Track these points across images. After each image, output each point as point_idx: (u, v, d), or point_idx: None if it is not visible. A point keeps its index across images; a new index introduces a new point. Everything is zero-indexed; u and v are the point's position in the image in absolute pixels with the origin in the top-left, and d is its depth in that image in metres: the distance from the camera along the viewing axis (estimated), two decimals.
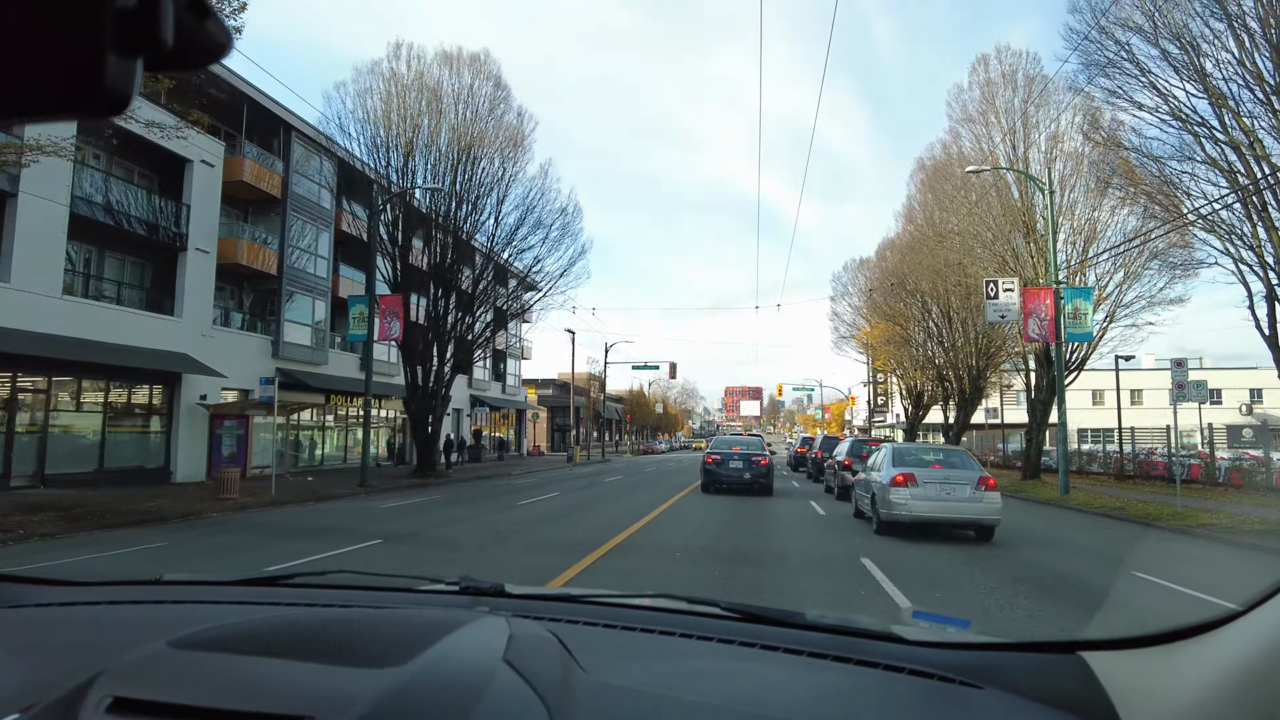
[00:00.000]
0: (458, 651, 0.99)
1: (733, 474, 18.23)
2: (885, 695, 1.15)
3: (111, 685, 0.85)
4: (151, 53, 0.43)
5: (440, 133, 26.39)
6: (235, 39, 0.46)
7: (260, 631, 1.08)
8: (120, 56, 0.42)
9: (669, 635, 1.37)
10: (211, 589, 1.72)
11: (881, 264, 37.33)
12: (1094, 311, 20.48)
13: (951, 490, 11.10)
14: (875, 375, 56.14)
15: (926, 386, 42.66)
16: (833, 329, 47.48)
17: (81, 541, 10.94)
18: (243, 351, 25.60)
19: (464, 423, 44.08)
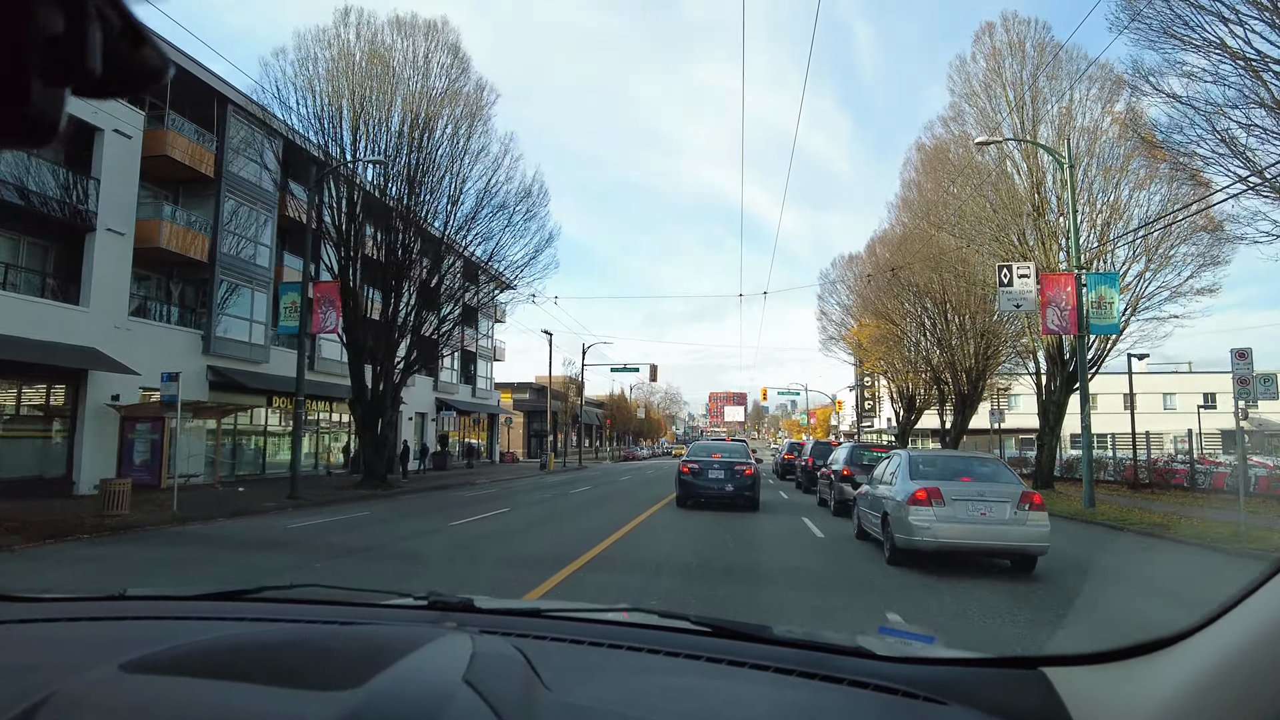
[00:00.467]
0: (417, 672, 0.97)
1: (712, 485, 15.77)
2: (849, 711, 1.15)
3: (60, 709, 0.85)
4: (80, 80, 0.42)
5: (393, 105, 23.79)
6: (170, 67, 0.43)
7: (215, 651, 1.06)
8: (46, 84, 0.41)
9: (637, 651, 1.36)
10: (175, 604, 1.68)
11: (873, 258, 35.01)
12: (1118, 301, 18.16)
13: (987, 510, 8.60)
14: (864, 378, 53.91)
15: (919, 389, 40.44)
16: (820, 329, 45.22)
17: None
18: (168, 347, 22.82)
19: (429, 428, 41.36)
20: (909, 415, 41.61)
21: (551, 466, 44.35)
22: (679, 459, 16.85)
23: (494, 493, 23.53)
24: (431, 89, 24.19)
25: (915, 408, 41.26)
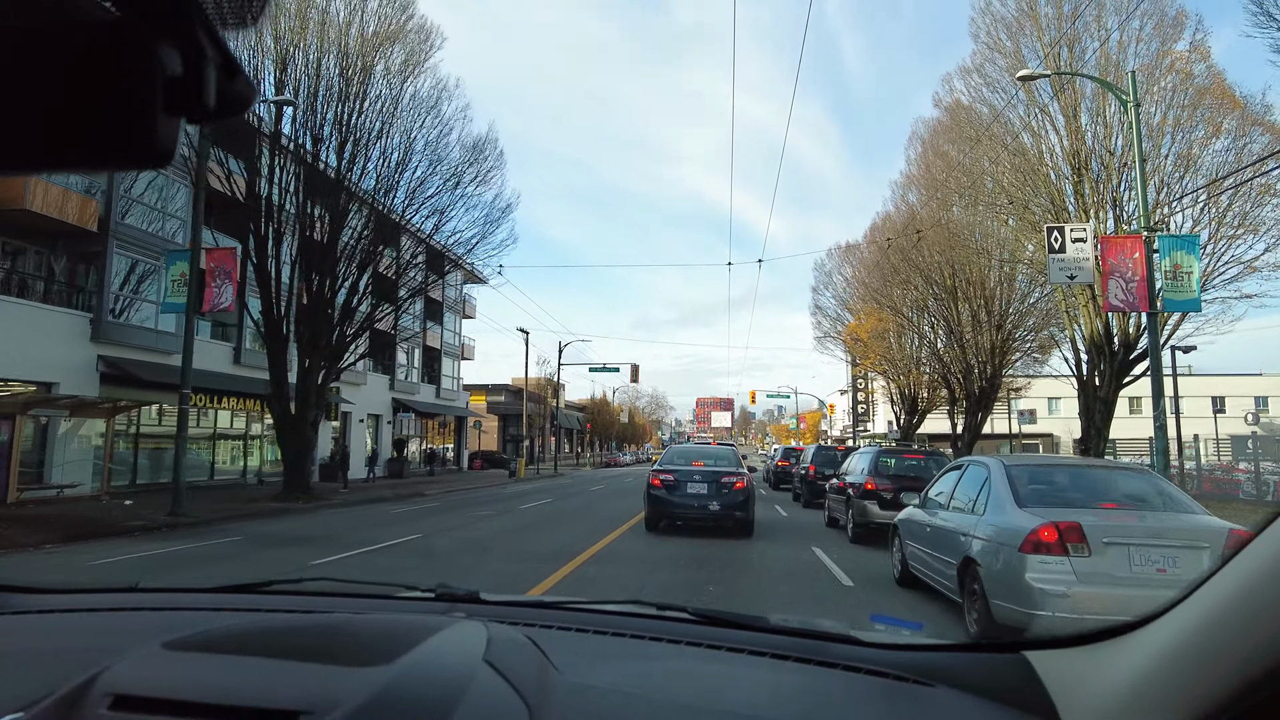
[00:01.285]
0: (440, 652, 1.01)
1: (692, 503, 11.86)
2: (843, 693, 1.20)
3: (112, 683, 0.88)
4: (194, 111, 0.48)
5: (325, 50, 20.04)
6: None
7: (250, 634, 1.09)
8: (168, 115, 0.48)
9: (639, 639, 1.41)
10: (189, 596, 1.72)
11: (875, 242, 31.44)
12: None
13: (1169, 562, 4.86)
14: (860, 379, 50.44)
15: (923, 390, 36.92)
16: (814, 324, 41.60)
17: None
18: (42, 331, 18.98)
19: (384, 431, 37.43)
20: (911, 418, 38.08)
21: (522, 474, 40.52)
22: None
23: (428, 509, 19.73)
24: (366, 28, 20.46)
25: (918, 410, 37.77)
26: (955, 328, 27.58)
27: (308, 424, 21.06)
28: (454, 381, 46.12)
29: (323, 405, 21.48)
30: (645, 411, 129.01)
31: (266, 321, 20.51)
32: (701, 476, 11.93)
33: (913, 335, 33.47)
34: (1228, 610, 0.84)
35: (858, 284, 36.44)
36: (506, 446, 60.85)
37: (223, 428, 26.28)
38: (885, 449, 12.39)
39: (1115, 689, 0.99)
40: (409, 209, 21.33)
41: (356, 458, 33.64)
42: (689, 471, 12.11)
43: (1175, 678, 0.89)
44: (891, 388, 39.43)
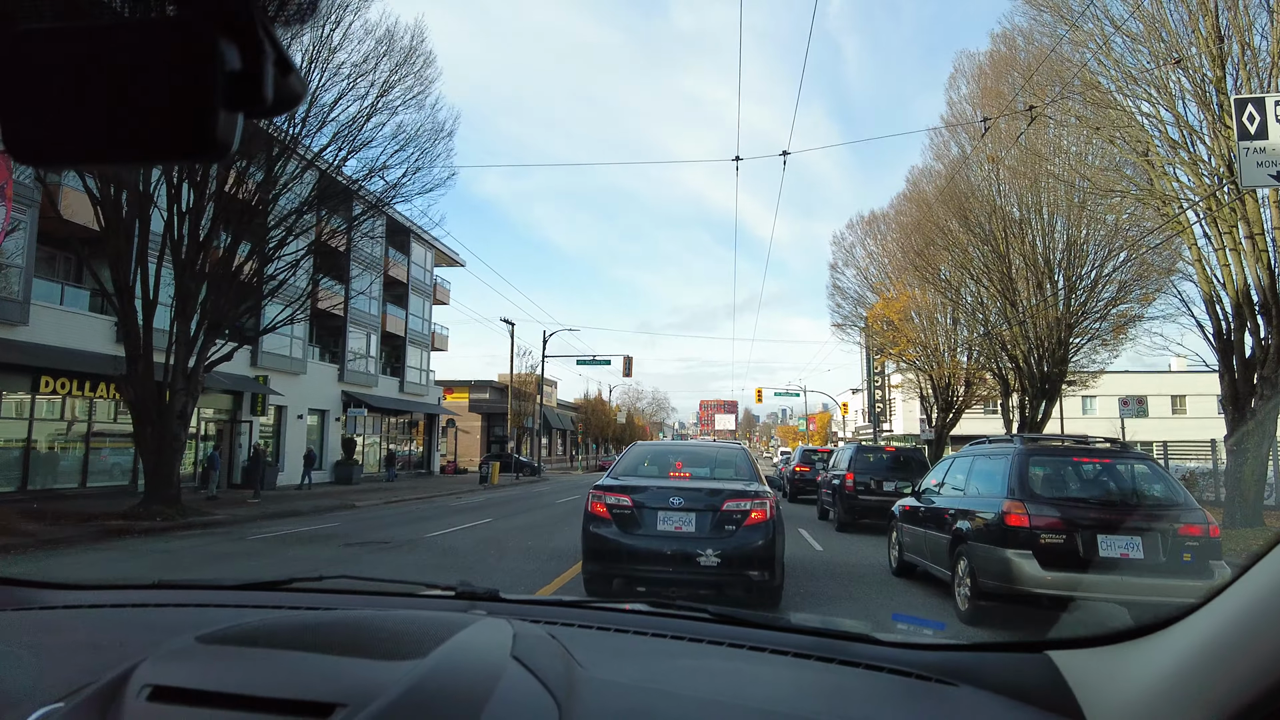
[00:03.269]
0: (469, 647, 1.01)
1: (665, 549, 6.11)
2: (866, 691, 1.19)
3: (150, 675, 0.88)
4: (253, 106, 0.51)
5: None
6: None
7: (282, 628, 1.09)
8: (228, 111, 0.50)
9: (660, 637, 1.41)
10: (213, 593, 1.71)
11: (915, 197, 25.95)
12: None
13: None
14: (878, 373, 44.94)
15: (960, 383, 31.53)
16: (833, 308, 36.14)
17: None
18: None
19: (331, 429, 32.07)
20: (946, 416, 32.66)
21: (496, 479, 35.08)
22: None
23: (318, 532, 14.45)
24: None
25: (953, 407, 32.38)
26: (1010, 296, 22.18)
27: (174, 416, 15.72)
28: (422, 374, 40.73)
29: (195, 392, 16.11)
30: (646, 413, 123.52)
31: (113, 277, 15.22)
32: (685, 500, 6.22)
33: (955, 314, 28.10)
34: (1254, 611, 0.84)
35: (886, 257, 31.10)
36: (491, 448, 55.39)
37: (103, 422, 20.92)
38: (1031, 449, 6.62)
39: (1141, 689, 0.99)
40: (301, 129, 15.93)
41: (294, 460, 28.38)
42: (663, 491, 6.33)
43: (1202, 678, 0.89)
44: (921, 381, 33.99)
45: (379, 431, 37.21)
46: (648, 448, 7.93)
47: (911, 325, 29.98)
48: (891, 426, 56.48)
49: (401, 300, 38.52)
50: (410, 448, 41.36)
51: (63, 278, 20.61)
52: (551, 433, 69.14)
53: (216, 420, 25.90)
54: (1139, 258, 19.05)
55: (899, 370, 39.75)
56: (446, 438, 49.03)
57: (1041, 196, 21.26)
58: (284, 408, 28.89)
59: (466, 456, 52.37)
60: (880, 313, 31.07)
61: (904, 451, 15.13)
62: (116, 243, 14.91)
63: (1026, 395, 23.89)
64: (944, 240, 23.80)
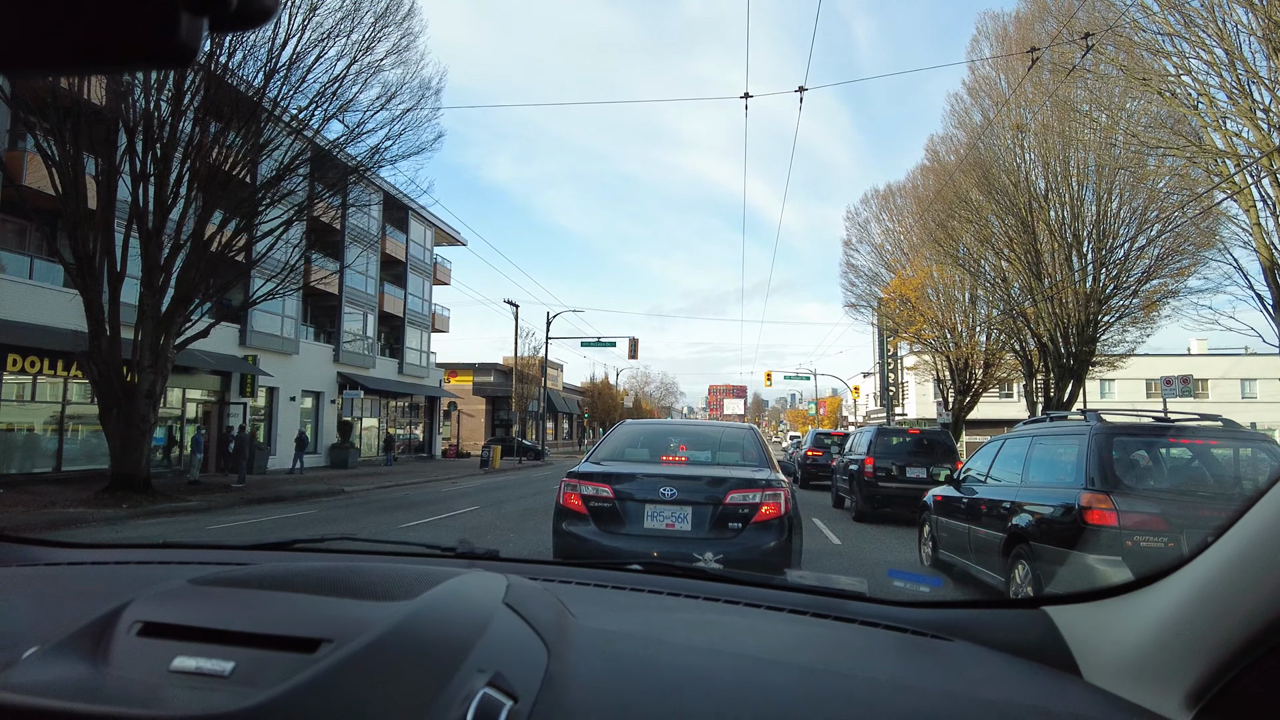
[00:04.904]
0: (460, 592, 1.00)
1: (650, 554, 4.80)
2: (861, 645, 1.18)
3: (140, 612, 0.89)
4: (217, 12, 0.48)
5: None
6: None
7: (274, 574, 1.09)
8: (192, 15, 0.47)
9: (658, 594, 1.40)
10: (216, 552, 1.75)
11: (934, 167, 24.56)
12: None
13: None
14: (894, 353, 43.60)
15: (978, 366, 30.23)
16: (846, 287, 34.82)
17: None
18: None
19: (326, 411, 31.06)
20: (963, 399, 31.38)
21: (497, 464, 34.05)
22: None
23: (296, 519, 13.42)
24: None
25: (970, 389, 31.09)
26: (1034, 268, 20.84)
27: (141, 396, 14.66)
28: (422, 356, 39.64)
29: (164, 370, 15.04)
30: (654, 397, 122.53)
31: (72, 246, 14.13)
32: (679, 490, 5.00)
33: (975, 291, 26.78)
34: (1241, 561, 0.87)
35: (903, 233, 29.74)
36: (495, 432, 54.40)
37: (79, 403, 19.88)
38: (1113, 428, 5.32)
39: (1135, 640, 1.01)
40: (280, 88, 14.74)
41: (286, 443, 27.41)
42: (652, 479, 5.12)
43: (1193, 627, 0.92)
44: (938, 362, 32.69)
45: (378, 414, 36.20)
46: (638, 426, 6.67)
47: (929, 303, 28.70)
48: (905, 410, 55.10)
49: (400, 280, 37.39)
50: (411, 431, 40.37)
51: (34, 251, 19.53)
52: (557, 416, 68.17)
53: (204, 402, 24.87)
54: (1177, 228, 17.72)
55: (913, 352, 38.46)
56: (450, 421, 48.05)
57: (1071, 165, 19.94)
58: (276, 389, 27.86)
59: (471, 440, 51.40)
60: (896, 291, 29.75)
61: (929, 435, 13.91)
62: (75, 209, 13.81)
63: (1051, 376, 22.61)
64: (965, 211, 22.47)
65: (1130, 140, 15.65)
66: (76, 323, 18.71)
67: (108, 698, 0.75)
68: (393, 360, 36.77)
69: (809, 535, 11.03)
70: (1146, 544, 4.40)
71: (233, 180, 15.47)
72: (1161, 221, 18.61)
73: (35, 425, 19.07)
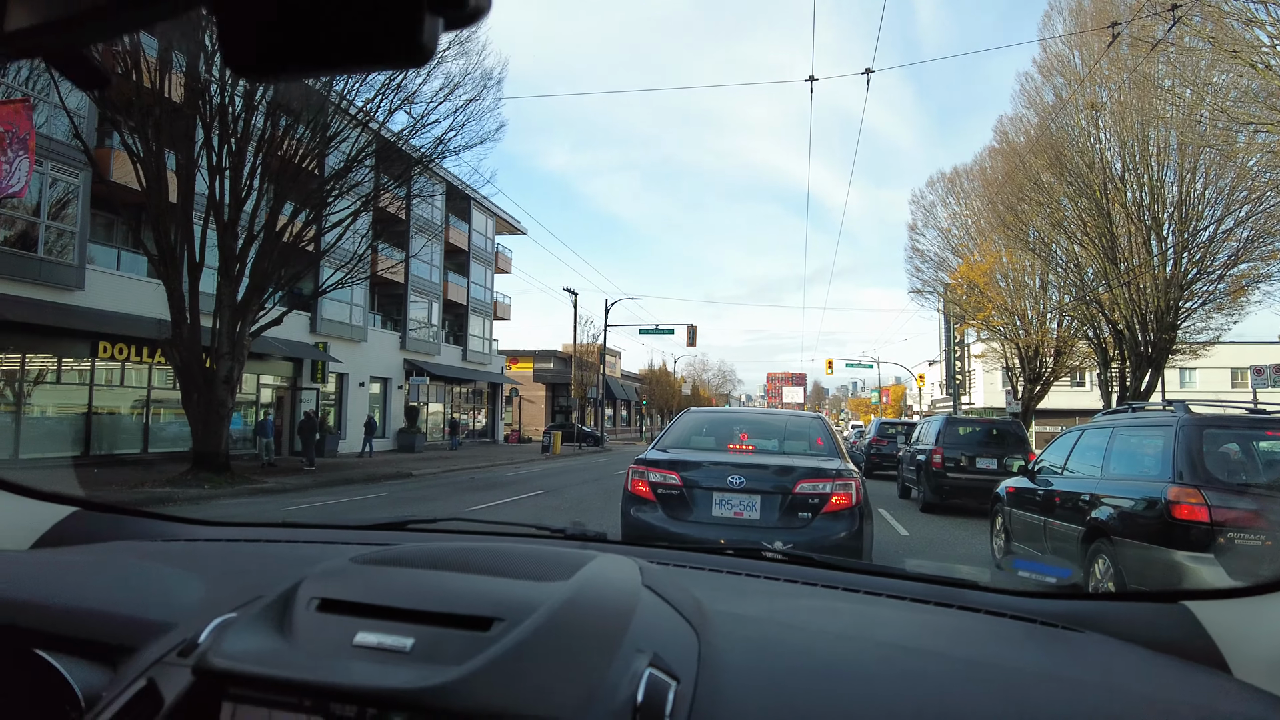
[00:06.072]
0: (605, 573, 1.02)
1: (719, 542, 4.48)
2: (989, 634, 1.16)
3: (315, 589, 0.93)
4: (451, 13, 0.50)
5: None
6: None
7: (427, 553, 1.10)
8: (432, 15, 0.49)
9: (773, 580, 1.39)
10: (336, 531, 1.80)
11: (1003, 149, 23.78)
12: None
13: None
14: (960, 340, 42.52)
15: (1049, 352, 29.24)
16: (911, 272, 34.08)
17: None
18: None
19: (393, 397, 31.85)
20: (1033, 388, 30.42)
21: (558, 450, 34.50)
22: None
23: (368, 501, 13.81)
24: None
25: (1041, 378, 30.10)
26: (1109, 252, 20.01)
27: (219, 382, 15.27)
28: (485, 343, 40.29)
29: (241, 357, 15.61)
30: (712, 385, 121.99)
31: (155, 238, 14.74)
32: (748, 479, 4.98)
33: (1045, 276, 25.90)
34: None
35: (970, 216, 28.93)
36: (555, 418, 55.05)
37: (162, 388, 20.81)
38: (1202, 419, 4.97)
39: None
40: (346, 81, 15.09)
41: (356, 427, 28.24)
42: (720, 467, 5.10)
43: None
44: (1006, 350, 31.76)
45: (443, 400, 36.97)
46: (703, 414, 6.64)
47: (997, 289, 27.87)
48: (971, 399, 53.75)
49: (463, 268, 38.03)
50: (475, 416, 41.13)
51: (121, 243, 20.46)
52: (615, 403, 68.53)
53: (278, 387, 25.77)
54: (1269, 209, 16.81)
55: (981, 339, 37.42)
56: (511, 407, 48.82)
57: (1150, 144, 19.07)
58: (345, 375, 28.69)
59: (531, 426, 52.11)
60: (963, 276, 28.98)
61: (1000, 424, 13.56)
62: (158, 202, 14.40)
63: (1128, 364, 21.75)
64: (1036, 194, 21.71)
65: (1217, 116, 14.87)
66: (160, 311, 19.56)
67: (303, 668, 0.78)
68: (456, 347, 37.47)
69: (877, 526, 10.86)
70: (1242, 541, 4.21)
71: (302, 172, 15.94)
72: (1252, 202, 17.68)
73: (123, 409, 20.05)
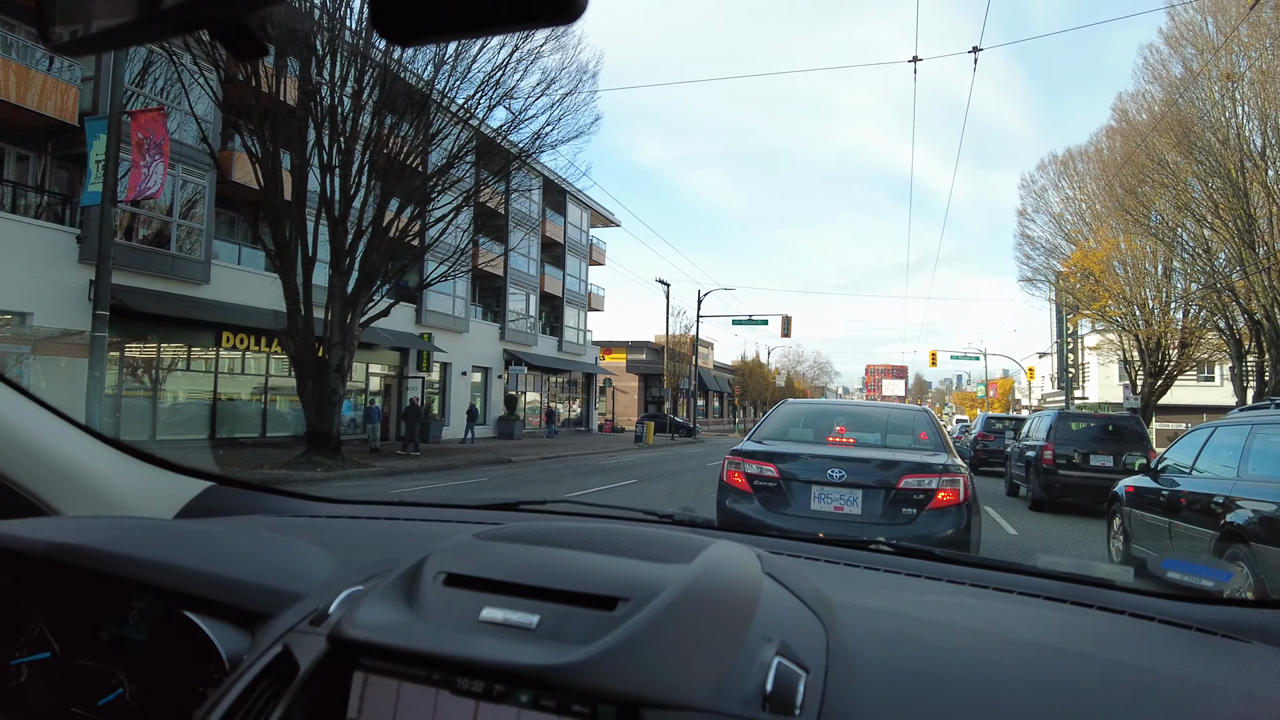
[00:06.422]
0: (726, 558, 0.98)
1: (818, 537, 4.50)
2: (1138, 639, 1.07)
3: (441, 564, 0.95)
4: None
5: None
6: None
7: (547, 531, 1.10)
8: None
9: (894, 574, 1.33)
10: (453, 510, 1.82)
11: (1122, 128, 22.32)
12: None
13: None
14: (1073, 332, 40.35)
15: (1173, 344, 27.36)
16: (1020, 260, 32.47)
17: None
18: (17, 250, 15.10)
19: (493, 386, 32.74)
20: (1154, 382, 28.55)
21: (651, 440, 34.72)
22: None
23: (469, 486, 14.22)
24: None
25: (1163, 371, 28.21)
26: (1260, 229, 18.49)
27: (331, 369, 16.03)
28: (580, 334, 40.87)
29: (351, 346, 16.35)
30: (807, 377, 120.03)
31: (272, 234, 15.58)
32: (849, 473, 4.84)
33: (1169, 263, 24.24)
34: None
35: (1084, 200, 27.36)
36: (647, 408, 55.35)
37: (278, 376, 22.03)
38: None
39: None
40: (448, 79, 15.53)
41: (458, 415, 29.22)
42: (819, 460, 4.98)
43: None
44: (1125, 342, 29.92)
45: (539, 389, 37.75)
46: (801, 406, 6.51)
47: (1115, 277, 26.26)
48: (1085, 394, 50.97)
49: (559, 261, 38.67)
50: (570, 406, 41.83)
51: (241, 239, 21.73)
52: (708, 394, 68.32)
53: (385, 376, 26.88)
54: None
55: (1096, 330, 35.42)
56: (605, 397, 49.35)
57: None
58: (448, 365, 29.66)
59: (624, 416, 52.59)
60: (1077, 264, 27.43)
61: (1116, 420, 12.79)
62: (275, 200, 15.20)
63: (1267, 357, 20.14)
64: (1160, 175, 20.31)
65: None
66: (277, 303, 20.73)
67: (432, 641, 0.80)
68: (552, 338, 38.16)
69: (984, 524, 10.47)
70: None
71: (407, 169, 16.51)
72: None
73: (244, 395, 21.33)
